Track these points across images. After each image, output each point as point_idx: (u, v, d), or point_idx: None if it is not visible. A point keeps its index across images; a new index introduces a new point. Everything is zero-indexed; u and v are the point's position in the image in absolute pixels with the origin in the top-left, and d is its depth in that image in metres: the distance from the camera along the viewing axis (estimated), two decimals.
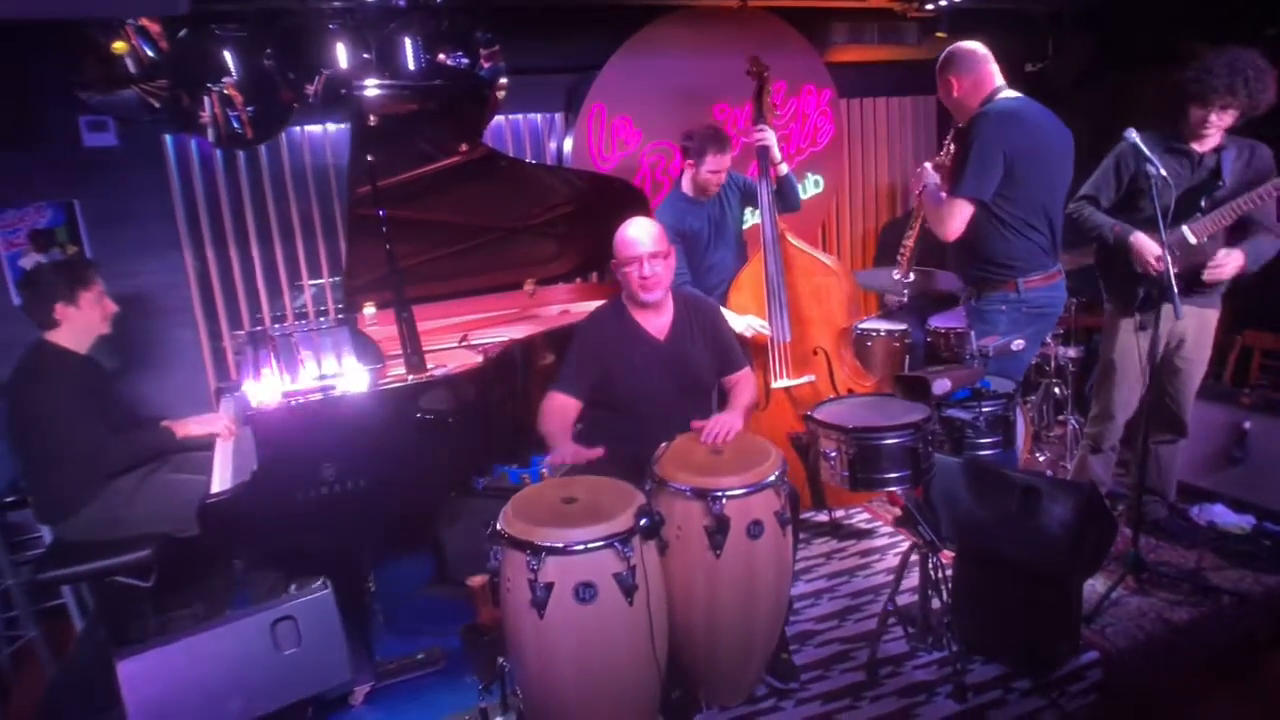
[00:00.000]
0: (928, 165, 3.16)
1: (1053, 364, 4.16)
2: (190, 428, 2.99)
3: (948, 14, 4.47)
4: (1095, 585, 3.02)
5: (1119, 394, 3.25)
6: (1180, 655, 2.86)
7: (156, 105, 3.33)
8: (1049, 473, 3.92)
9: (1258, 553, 3.25)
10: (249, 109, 3.35)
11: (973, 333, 2.81)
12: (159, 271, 3.82)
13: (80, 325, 2.95)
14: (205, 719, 2.26)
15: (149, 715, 2.17)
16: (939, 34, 4.55)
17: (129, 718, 2.15)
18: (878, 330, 4.06)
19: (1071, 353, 4.08)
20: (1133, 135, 2.77)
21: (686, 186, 3.60)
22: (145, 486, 2.93)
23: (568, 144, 4.33)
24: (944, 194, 3.00)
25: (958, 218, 2.95)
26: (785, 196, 3.61)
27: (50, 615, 3.29)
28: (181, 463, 3.07)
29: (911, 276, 3.89)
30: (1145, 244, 2.93)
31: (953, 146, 3.11)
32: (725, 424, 2.61)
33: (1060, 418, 4.25)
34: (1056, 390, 4.22)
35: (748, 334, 3.52)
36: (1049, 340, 4.11)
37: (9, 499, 3.35)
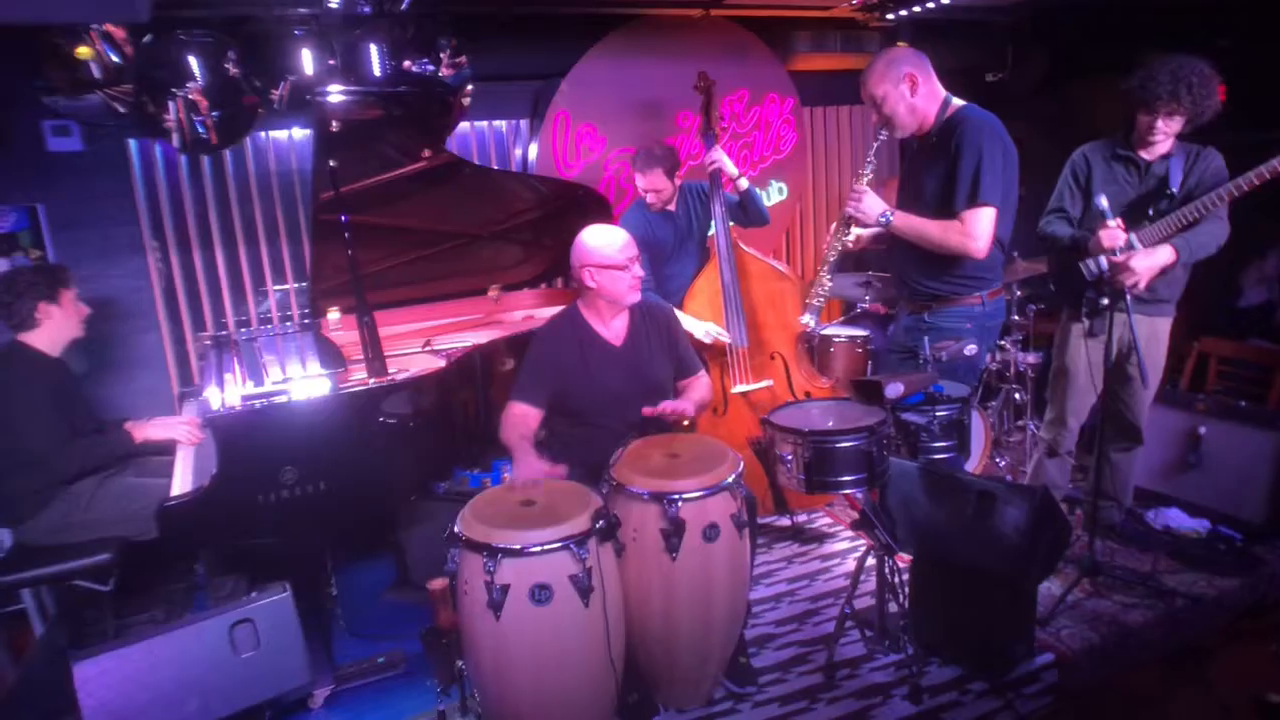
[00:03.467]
0: (866, 192, 2.89)
1: (1012, 370, 4.22)
2: (149, 431, 2.98)
3: (909, 24, 4.54)
4: (1051, 588, 3.07)
5: (1070, 400, 3.30)
6: (1134, 657, 2.91)
7: (121, 110, 3.31)
8: (1008, 478, 3.98)
9: (1212, 556, 3.32)
10: (214, 114, 3.35)
11: (926, 338, 2.85)
12: (123, 276, 3.80)
13: (59, 326, 2.98)
14: None
15: (105, 717, 2.16)
16: (900, 44, 4.61)
17: None
18: (839, 335, 4.12)
19: (1031, 358, 4.15)
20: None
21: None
22: (104, 490, 2.92)
23: (533, 151, 4.36)
24: (895, 214, 2.88)
25: (988, 225, 2.78)
26: (750, 212, 3.67)
27: (10, 620, 3.27)
28: (143, 466, 3.07)
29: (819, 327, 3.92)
30: (1098, 237, 2.93)
31: (899, 161, 3.07)
32: (676, 403, 2.69)
33: (1020, 423, 4.32)
34: (1016, 396, 4.29)
35: (706, 340, 3.56)
36: (1008, 346, 4.18)
37: None
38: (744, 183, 3.63)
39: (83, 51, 3.10)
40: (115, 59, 3.18)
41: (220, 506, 2.49)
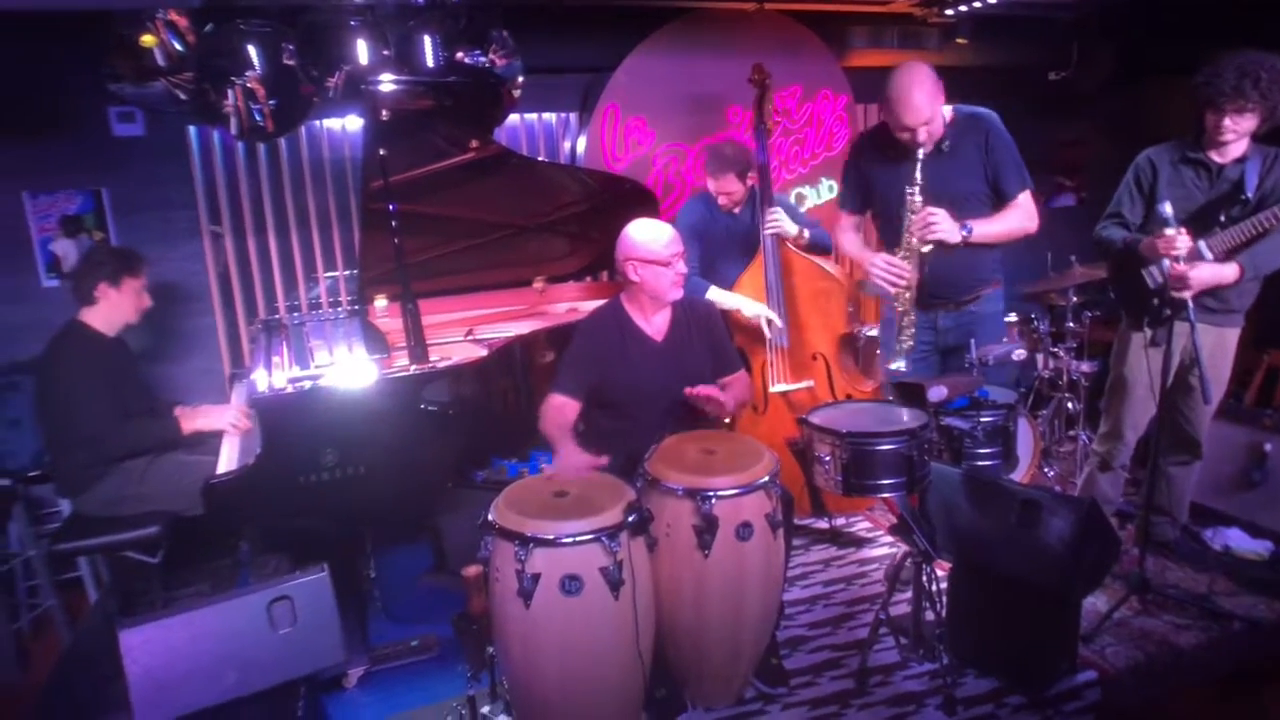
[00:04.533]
0: (940, 212, 2.79)
1: (1065, 378, 4.10)
2: (198, 422, 3.04)
3: (969, 20, 4.42)
4: (1097, 604, 2.99)
5: (1129, 412, 3.18)
6: (1184, 679, 2.80)
7: (183, 97, 3.39)
8: (1057, 488, 3.87)
9: (1275, 580, 3.15)
10: (271, 102, 3.41)
11: (972, 340, 2.78)
12: (181, 259, 3.91)
13: (113, 308, 3.07)
14: (201, 691, 2.31)
15: (148, 684, 2.22)
16: (959, 40, 4.51)
17: (129, 686, 2.21)
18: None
19: (1085, 367, 4.03)
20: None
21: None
22: (157, 465, 3.01)
23: (581, 144, 4.36)
24: (972, 222, 2.85)
25: (1033, 204, 2.97)
26: (817, 251, 3.64)
27: (69, 586, 3.41)
28: (195, 443, 3.15)
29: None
30: (1151, 240, 2.82)
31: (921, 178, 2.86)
32: (715, 390, 2.67)
33: (1071, 433, 4.20)
34: (1069, 405, 4.17)
35: (754, 322, 3.52)
36: (1062, 353, 4.07)
37: (33, 473, 3.47)
38: (806, 234, 3.59)
39: (147, 40, 3.18)
40: (178, 47, 3.27)
41: (263, 485, 2.55)
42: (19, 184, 3.65)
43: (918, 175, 2.81)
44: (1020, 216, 2.93)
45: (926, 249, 2.86)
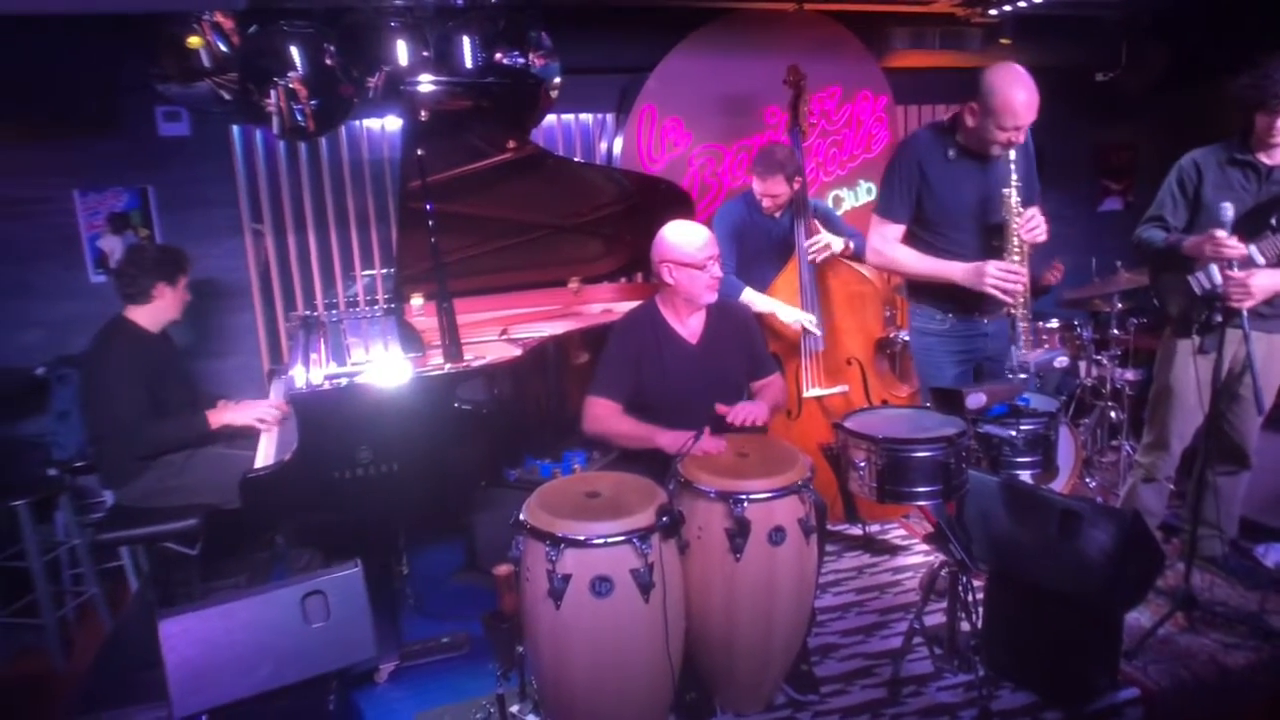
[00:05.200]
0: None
1: (1108, 387, 4.01)
2: (226, 417, 3.07)
3: (1013, 20, 4.34)
4: (1140, 619, 2.91)
5: (1175, 422, 3.09)
6: (1233, 700, 2.71)
7: (227, 97, 3.47)
8: (1098, 499, 3.78)
9: None
10: (312, 102, 3.47)
11: (1013, 347, 2.73)
12: (222, 256, 3.99)
13: (165, 306, 3.14)
14: (236, 681, 2.34)
15: (185, 673, 2.25)
16: (1003, 40, 4.43)
17: (167, 674, 2.25)
18: None
19: (1129, 375, 3.93)
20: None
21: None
22: (196, 459, 3.06)
23: (618, 144, 4.36)
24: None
25: None
26: (860, 258, 3.56)
27: (111, 575, 3.50)
28: (234, 437, 3.20)
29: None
30: (1198, 241, 2.75)
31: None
32: (751, 410, 2.63)
33: (1114, 443, 4.10)
34: (1112, 414, 4.07)
35: (795, 326, 3.50)
36: (1105, 361, 3.98)
37: (79, 463, 3.56)
38: (851, 245, 3.55)
39: (193, 41, 3.25)
40: (223, 48, 3.34)
41: (297, 480, 2.57)
42: (71, 182, 3.75)
43: (1014, 176, 2.71)
44: None
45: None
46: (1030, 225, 2.71)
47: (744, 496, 2.31)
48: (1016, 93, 2.63)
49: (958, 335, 2.99)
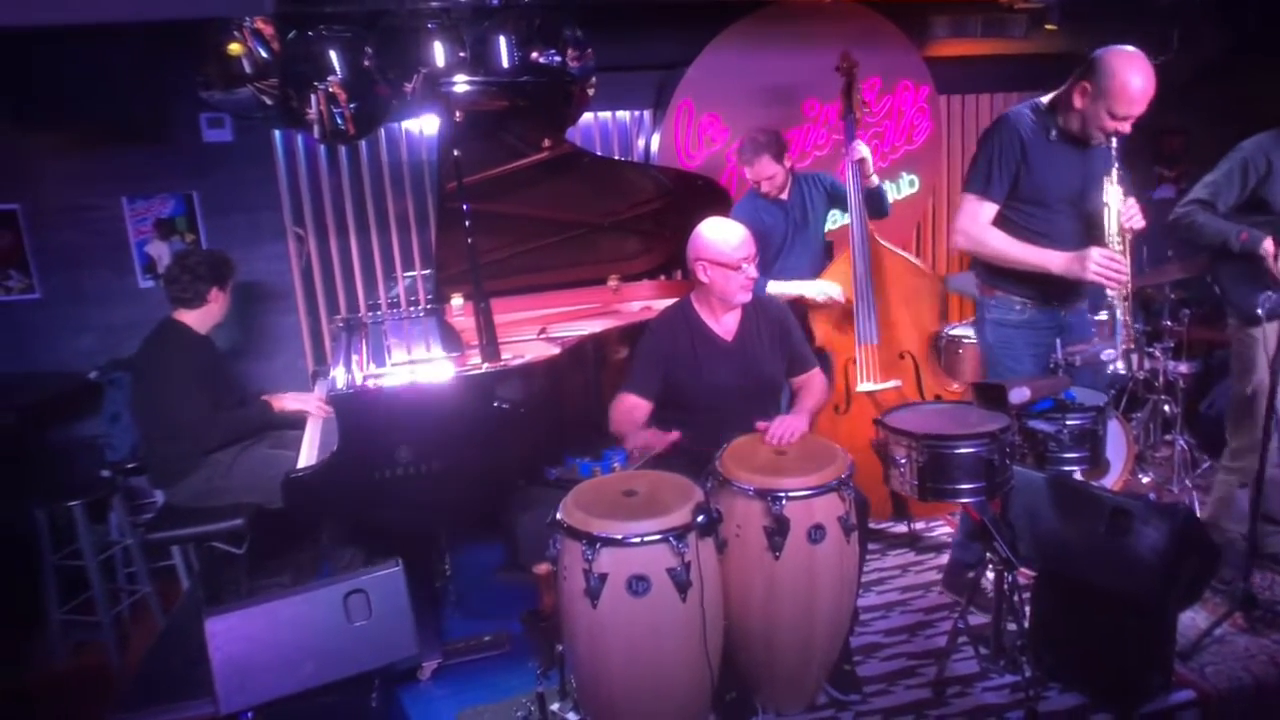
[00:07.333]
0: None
1: (1161, 379, 3.88)
2: (286, 402, 3.21)
3: (1058, 6, 4.22)
4: (1196, 619, 2.82)
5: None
6: None
7: (268, 102, 3.52)
8: (1152, 495, 3.66)
9: None
10: (352, 106, 3.51)
11: (1059, 340, 2.65)
12: (266, 259, 4.07)
13: (215, 310, 3.23)
14: (281, 679, 2.38)
15: (232, 670, 2.29)
16: (1049, 26, 4.31)
17: (214, 671, 2.30)
18: (968, 336, 3.90)
19: (1183, 368, 3.81)
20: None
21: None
22: (242, 459, 3.13)
23: (655, 141, 4.35)
24: None
25: None
26: (874, 205, 3.51)
27: (164, 574, 3.58)
28: (278, 439, 3.27)
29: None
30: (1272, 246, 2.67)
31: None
32: (790, 425, 2.57)
33: (1167, 437, 3.97)
34: (1165, 408, 3.95)
35: (820, 300, 3.45)
36: (1158, 353, 3.86)
37: (131, 465, 3.66)
38: (875, 180, 3.48)
39: (234, 48, 3.31)
40: (264, 54, 3.39)
41: (339, 480, 2.60)
42: (119, 189, 3.86)
43: (1115, 164, 2.61)
44: None
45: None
46: (1130, 214, 2.62)
47: (782, 494, 2.28)
48: (1134, 77, 2.51)
49: (1036, 327, 2.86)
